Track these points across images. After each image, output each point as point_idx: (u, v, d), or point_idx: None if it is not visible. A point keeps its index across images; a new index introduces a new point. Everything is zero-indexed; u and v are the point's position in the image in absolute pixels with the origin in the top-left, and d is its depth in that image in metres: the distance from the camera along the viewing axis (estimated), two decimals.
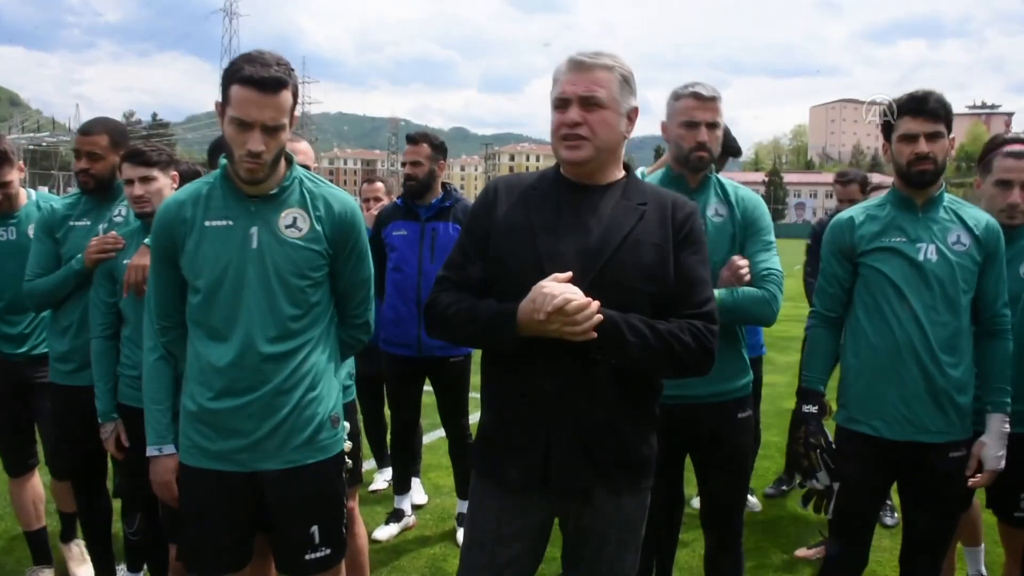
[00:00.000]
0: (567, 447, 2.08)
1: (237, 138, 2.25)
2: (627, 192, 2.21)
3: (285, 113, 2.28)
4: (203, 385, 2.36)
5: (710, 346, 2.09)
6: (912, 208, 2.86)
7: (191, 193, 2.42)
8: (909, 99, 2.79)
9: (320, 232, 2.41)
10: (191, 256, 2.36)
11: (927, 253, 2.79)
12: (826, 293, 3.00)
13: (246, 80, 2.21)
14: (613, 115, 2.15)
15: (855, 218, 2.94)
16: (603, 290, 2.02)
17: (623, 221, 2.13)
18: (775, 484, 5.42)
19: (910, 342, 2.76)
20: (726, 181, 3.09)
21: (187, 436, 2.42)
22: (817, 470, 2.86)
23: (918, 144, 2.77)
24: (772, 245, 3.00)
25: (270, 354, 2.34)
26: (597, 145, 2.14)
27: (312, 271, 2.40)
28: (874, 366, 2.83)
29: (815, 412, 2.92)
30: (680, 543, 4.44)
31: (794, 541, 4.58)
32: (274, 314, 2.35)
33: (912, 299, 2.77)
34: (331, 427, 2.48)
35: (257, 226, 2.36)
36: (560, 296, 1.93)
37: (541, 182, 2.25)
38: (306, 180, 2.47)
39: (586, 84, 2.12)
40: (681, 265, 2.13)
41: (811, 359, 3.01)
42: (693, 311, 2.10)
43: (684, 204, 2.22)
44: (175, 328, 2.51)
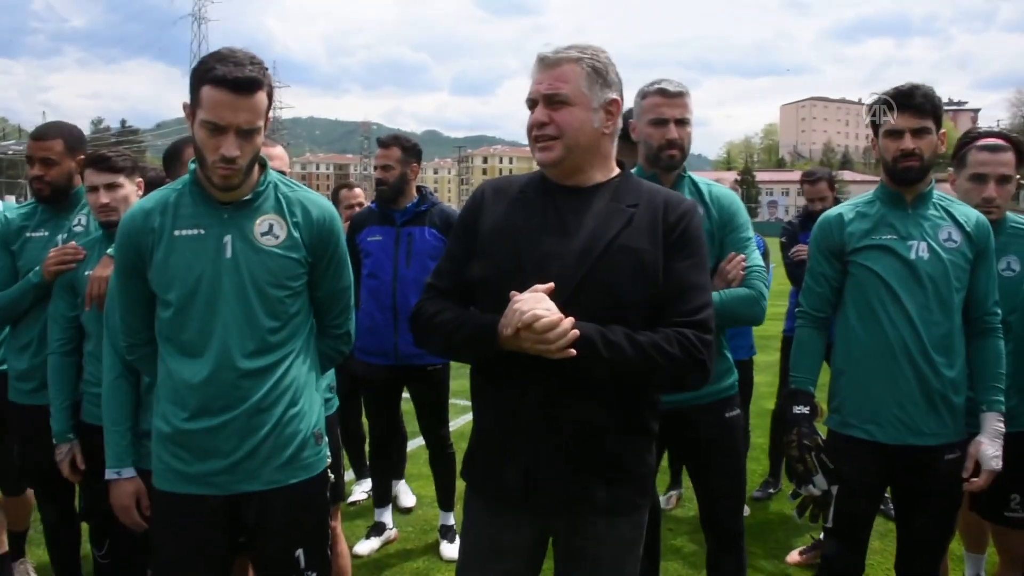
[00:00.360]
0: (552, 463, 1.99)
1: (209, 142, 2.12)
2: (618, 193, 2.09)
3: (260, 115, 2.15)
4: (176, 405, 2.23)
5: (701, 356, 1.95)
6: (902, 204, 2.79)
7: (158, 201, 2.27)
8: (895, 94, 2.73)
9: (298, 239, 2.29)
10: (160, 268, 2.22)
11: (919, 251, 2.72)
12: (814, 292, 2.92)
13: (219, 81, 2.07)
14: (581, 111, 2.04)
15: (844, 215, 2.87)
16: (587, 298, 1.94)
17: (609, 225, 2.02)
18: (762, 487, 5.36)
19: (903, 343, 2.70)
20: (700, 180, 3.04)
21: (161, 459, 2.27)
22: (813, 474, 2.76)
23: (903, 140, 2.71)
24: (751, 241, 2.96)
25: (248, 369, 2.21)
26: (567, 144, 2.04)
27: (291, 280, 2.28)
28: (867, 368, 2.76)
29: (807, 413, 2.84)
30: (675, 550, 4.40)
31: (783, 544, 4.52)
32: (251, 327, 2.22)
33: (905, 299, 2.70)
34: (315, 444, 2.36)
35: (231, 234, 2.22)
36: (529, 312, 1.84)
37: (529, 185, 2.16)
38: (281, 185, 2.34)
39: (549, 81, 2.04)
40: (673, 270, 2.01)
41: (799, 359, 2.94)
42: (684, 319, 1.97)
43: (678, 204, 2.09)
44: (143, 345, 2.37)
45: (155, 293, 2.26)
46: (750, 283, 2.85)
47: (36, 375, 3.26)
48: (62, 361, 3.03)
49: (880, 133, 2.78)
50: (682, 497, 5.17)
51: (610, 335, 1.90)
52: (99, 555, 3.39)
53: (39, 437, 3.19)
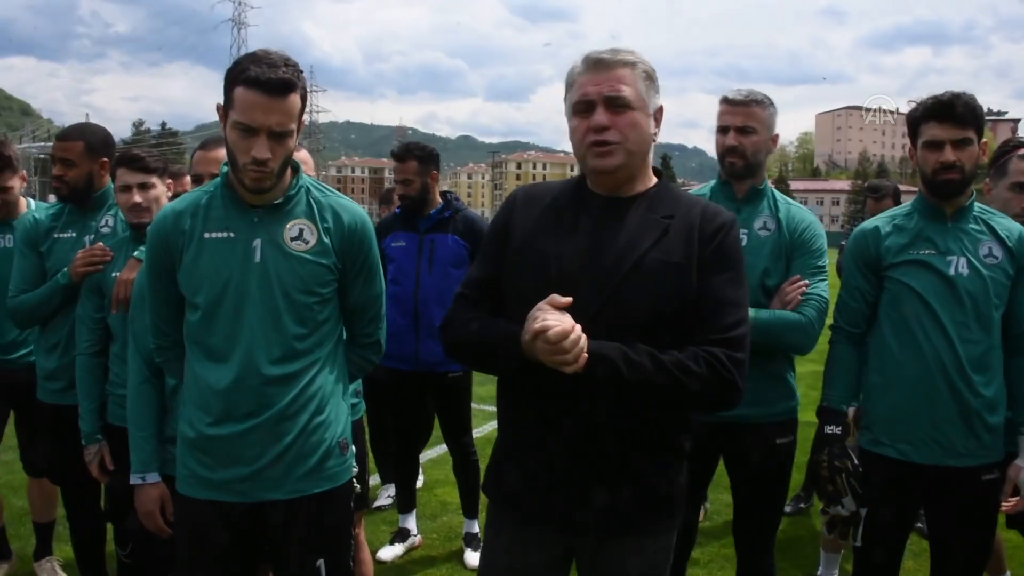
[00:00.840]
0: (579, 479, 1.93)
1: (241, 144, 2.09)
2: (654, 204, 2.00)
3: (293, 118, 2.11)
4: (201, 410, 2.20)
5: (731, 376, 1.86)
6: (941, 217, 2.70)
7: (189, 203, 2.25)
8: (935, 103, 2.63)
9: (328, 245, 2.24)
10: (189, 270, 2.20)
11: (958, 267, 2.63)
12: (849, 307, 2.84)
13: (252, 82, 2.04)
14: (642, 116, 1.95)
15: (880, 228, 2.78)
16: (616, 314, 1.88)
17: (642, 238, 1.93)
18: (793, 501, 5.24)
19: (940, 361, 2.61)
20: (781, 196, 3.00)
21: (185, 465, 2.24)
22: (843, 495, 2.70)
23: (943, 152, 2.61)
24: (822, 271, 2.89)
25: (274, 376, 2.17)
26: (629, 149, 1.94)
27: (320, 287, 2.24)
28: (901, 386, 2.68)
29: (838, 433, 2.77)
30: (695, 562, 4.33)
31: (813, 561, 4.42)
32: (278, 333, 2.18)
33: (943, 316, 2.61)
34: (340, 453, 2.32)
35: (260, 238, 2.19)
36: (540, 321, 1.77)
37: (563, 194, 2.07)
38: (313, 189, 2.31)
39: (610, 83, 1.92)
40: (707, 284, 1.91)
41: (833, 377, 2.86)
42: (716, 336, 1.88)
43: (716, 215, 1.99)
44: (171, 348, 2.35)
45: (184, 295, 2.24)
46: (804, 310, 2.79)
47: (64, 375, 3.29)
48: (90, 362, 3.04)
49: (919, 144, 2.69)
50: (708, 511, 5.08)
51: (632, 355, 1.82)
52: (123, 555, 3.41)
53: (66, 436, 3.23)
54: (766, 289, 2.87)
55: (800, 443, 5.74)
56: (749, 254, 2.79)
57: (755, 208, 2.93)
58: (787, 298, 2.81)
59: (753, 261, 2.81)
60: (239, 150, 2.10)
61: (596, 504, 1.94)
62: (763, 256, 2.87)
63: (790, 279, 2.85)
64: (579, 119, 1.97)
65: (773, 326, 2.76)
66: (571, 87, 2.00)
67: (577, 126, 1.98)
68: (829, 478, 2.73)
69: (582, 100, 1.95)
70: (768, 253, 2.87)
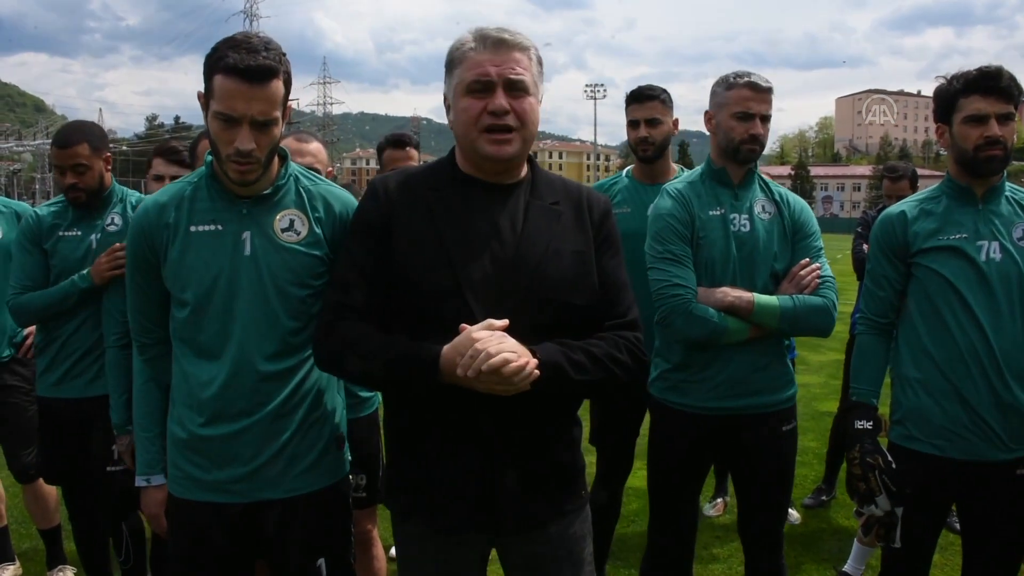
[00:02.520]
0: (510, 478, 1.89)
1: (223, 136, 1.99)
2: (536, 188, 1.97)
3: (276, 105, 2.01)
4: (192, 409, 2.12)
5: (644, 357, 1.96)
6: (971, 200, 2.58)
7: (173, 195, 2.15)
8: (980, 75, 2.49)
9: (320, 235, 2.16)
10: (175, 266, 2.11)
11: (990, 251, 2.51)
12: (876, 296, 2.72)
13: (231, 70, 1.93)
14: (535, 102, 1.91)
15: (907, 213, 2.66)
16: (527, 307, 1.84)
17: (540, 227, 1.91)
18: (814, 494, 5.14)
19: (974, 351, 2.49)
20: (767, 179, 2.93)
21: (177, 466, 2.16)
22: (877, 494, 2.58)
23: (988, 126, 2.47)
24: (823, 251, 2.85)
25: (269, 372, 2.09)
26: (525, 137, 1.90)
27: (313, 279, 2.14)
28: (933, 378, 2.56)
29: (870, 428, 2.65)
30: (715, 558, 4.25)
31: (836, 556, 4.31)
32: (272, 328, 2.10)
33: (974, 304, 2.49)
34: (336, 448, 2.26)
35: (250, 230, 2.10)
36: (498, 357, 1.69)
37: (438, 181, 1.98)
38: (302, 178, 2.22)
39: (510, 65, 1.86)
40: (603, 270, 1.96)
41: (861, 370, 2.75)
42: (619, 320, 1.95)
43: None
44: (156, 345, 2.26)
45: (169, 292, 2.16)
46: (823, 293, 2.74)
47: (58, 369, 3.28)
48: (119, 355, 3.00)
49: (956, 119, 2.54)
50: (728, 504, 4.99)
51: (573, 355, 1.83)
52: (120, 560, 3.41)
53: (65, 428, 3.25)
54: (774, 273, 2.79)
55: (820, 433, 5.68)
56: (757, 238, 2.76)
57: (750, 191, 2.85)
58: (803, 282, 2.75)
59: (763, 245, 2.77)
60: (222, 141, 2.00)
61: (525, 497, 1.91)
62: (773, 240, 2.79)
63: (799, 263, 2.78)
64: (473, 99, 1.88)
65: (801, 312, 2.70)
66: (460, 63, 1.90)
67: (470, 106, 1.88)
68: (861, 476, 2.61)
69: (480, 80, 1.86)
70: (777, 237, 2.80)
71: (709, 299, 2.69)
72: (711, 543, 4.44)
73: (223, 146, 2.01)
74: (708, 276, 2.76)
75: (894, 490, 2.57)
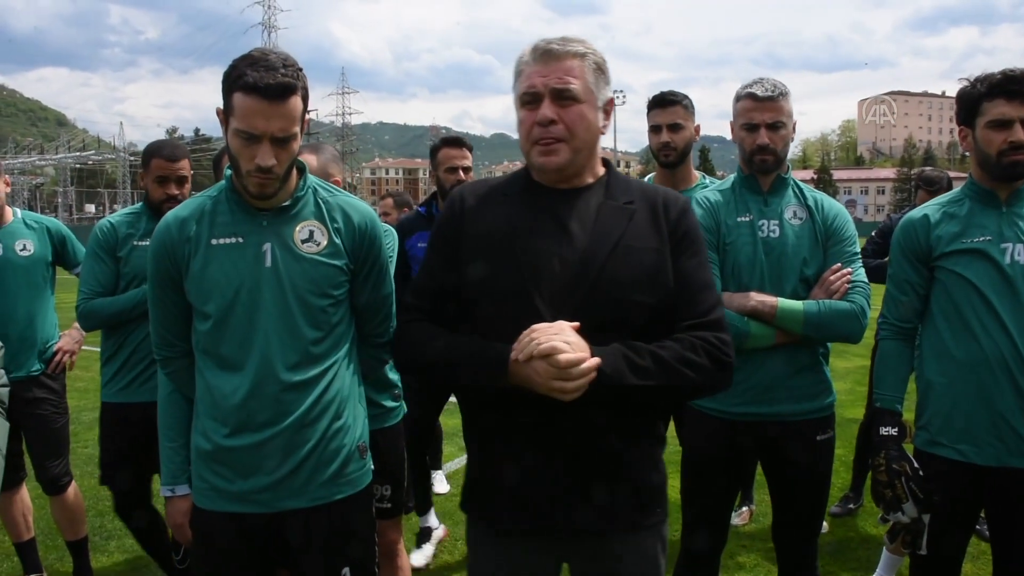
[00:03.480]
0: (569, 484, 1.86)
1: (244, 152, 2.03)
2: (610, 190, 1.95)
3: (295, 121, 2.05)
4: (216, 421, 2.14)
5: (727, 359, 1.85)
6: (995, 202, 2.54)
7: (193, 209, 2.19)
8: (1004, 79, 2.45)
9: (340, 246, 2.19)
10: (197, 279, 2.13)
11: (1015, 254, 2.48)
12: (899, 301, 2.69)
13: (250, 88, 1.97)
14: (590, 109, 1.89)
15: (930, 216, 2.63)
16: (595, 306, 1.81)
17: (611, 225, 1.88)
18: (841, 502, 5.07)
19: (999, 354, 2.45)
20: (804, 185, 2.93)
21: (202, 478, 2.19)
22: (903, 501, 2.54)
23: (1012, 131, 2.44)
24: (858, 257, 2.82)
25: (291, 383, 2.11)
26: (575, 146, 1.88)
27: (333, 289, 2.18)
28: (958, 383, 2.52)
29: (895, 435, 2.61)
30: (740, 567, 4.20)
31: (864, 564, 4.25)
32: (294, 338, 2.12)
33: (999, 307, 2.46)
34: (359, 458, 2.27)
35: (270, 242, 2.13)
36: (547, 344, 1.68)
37: (512, 188, 2.00)
38: (321, 189, 2.25)
39: (558, 75, 1.85)
40: (680, 270, 1.89)
41: (884, 375, 2.71)
42: (699, 320, 1.86)
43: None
44: (179, 358, 2.28)
45: (191, 304, 2.18)
46: (852, 298, 2.72)
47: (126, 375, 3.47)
48: None
49: (979, 123, 2.51)
50: (754, 513, 4.93)
51: (637, 359, 1.77)
52: (177, 560, 3.46)
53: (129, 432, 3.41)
54: (804, 279, 2.78)
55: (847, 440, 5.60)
56: (786, 243, 2.75)
57: (782, 198, 2.85)
58: (833, 287, 2.73)
59: (792, 250, 2.76)
60: (243, 157, 2.04)
61: (590, 505, 1.87)
62: (804, 245, 2.79)
63: (830, 268, 2.77)
64: (526, 111, 1.91)
65: (826, 317, 2.68)
66: (519, 76, 1.93)
67: (524, 119, 1.91)
68: (887, 483, 2.57)
69: (528, 92, 1.89)
70: (808, 242, 2.79)
71: (732, 303, 2.70)
72: (737, 552, 4.39)
73: (244, 162, 2.05)
74: (735, 281, 2.76)
75: (921, 497, 2.53)
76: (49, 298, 3.93)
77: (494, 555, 2.00)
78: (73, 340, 3.92)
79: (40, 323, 3.82)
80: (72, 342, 3.92)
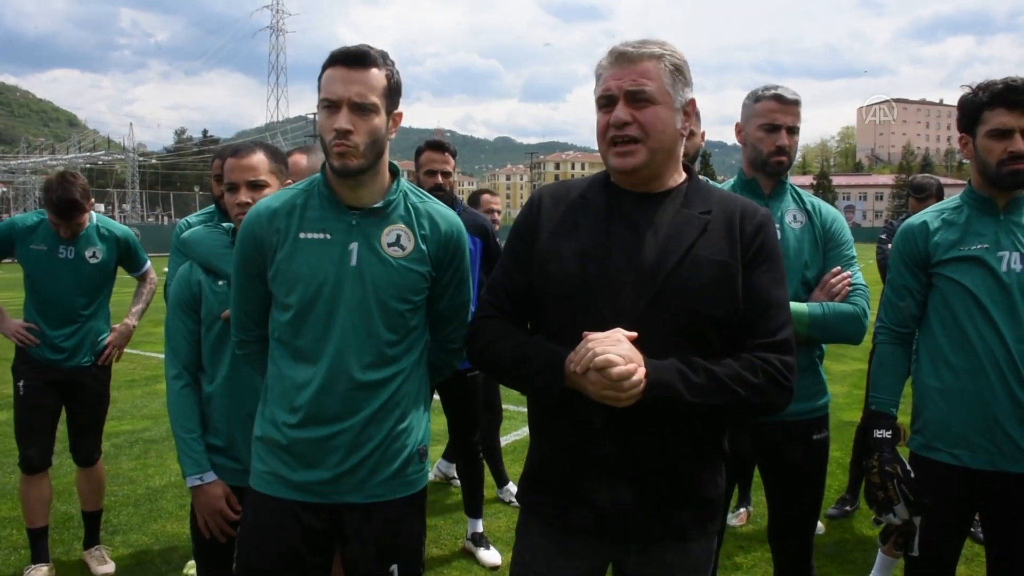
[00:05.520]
0: (625, 491, 1.85)
1: (327, 123, 2.08)
2: (689, 199, 1.92)
3: (375, 91, 2.08)
4: (285, 410, 2.17)
5: (787, 383, 1.81)
6: (992, 210, 2.58)
7: (285, 201, 2.22)
8: (1006, 88, 2.47)
9: (425, 252, 2.21)
10: (282, 270, 2.16)
11: (1011, 262, 2.51)
12: (896, 307, 2.73)
13: (332, 59, 2.08)
14: (666, 111, 1.86)
15: (929, 223, 2.67)
16: (660, 315, 1.79)
17: (683, 234, 1.85)
18: (838, 504, 5.12)
19: (994, 361, 2.49)
20: (800, 190, 2.98)
21: (264, 461, 2.21)
22: (895, 503, 2.58)
23: (1013, 141, 2.47)
24: (855, 260, 2.86)
25: (364, 382, 2.15)
26: (651, 147, 1.85)
27: (413, 294, 2.20)
28: (954, 389, 2.56)
29: (888, 438, 2.65)
30: (738, 567, 4.25)
31: (861, 566, 4.30)
32: (371, 338, 2.15)
33: (995, 314, 2.49)
34: (419, 461, 2.29)
35: (357, 242, 2.15)
36: (602, 356, 1.67)
37: (590, 191, 1.98)
38: (411, 194, 2.28)
39: (633, 77, 1.84)
40: (753, 285, 1.84)
41: (880, 379, 2.75)
42: (766, 340, 1.82)
43: (755, 212, 1.92)
44: (255, 342, 2.33)
45: (273, 294, 2.21)
46: (854, 300, 2.75)
47: None
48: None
49: (979, 132, 2.54)
50: (751, 514, 4.98)
51: (692, 376, 1.74)
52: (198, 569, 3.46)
53: None
54: (806, 282, 2.82)
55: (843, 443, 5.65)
56: (787, 247, 2.78)
57: (781, 202, 2.90)
58: (835, 290, 2.77)
59: (794, 253, 2.80)
60: (325, 129, 2.09)
61: (645, 514, 1.86)
62: (804, 249, 2.82)
63: (831, 271, 2.81)
64: (602, 114, 1.91)
65: (831, 319, 2.71)
66: (598, 80, 1.93)
67: (599, 121, 1.92)
68: (880, 485, 2.61)
69: (604, 95, 1.89)
70: (808, 246, 2.83)
71: None
72: (734, 552, 4.43)
73: (326, 133, 2.09)
74: None
75: (912, 499, 2.56)
76: (106, 297, 4.29)
77: (544, 546, 1.99)
78: (123, 336, 4.34)
79: (96, 320, 4.21)
80: (121, 338, 4.34)
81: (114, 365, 4.34)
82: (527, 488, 2.07)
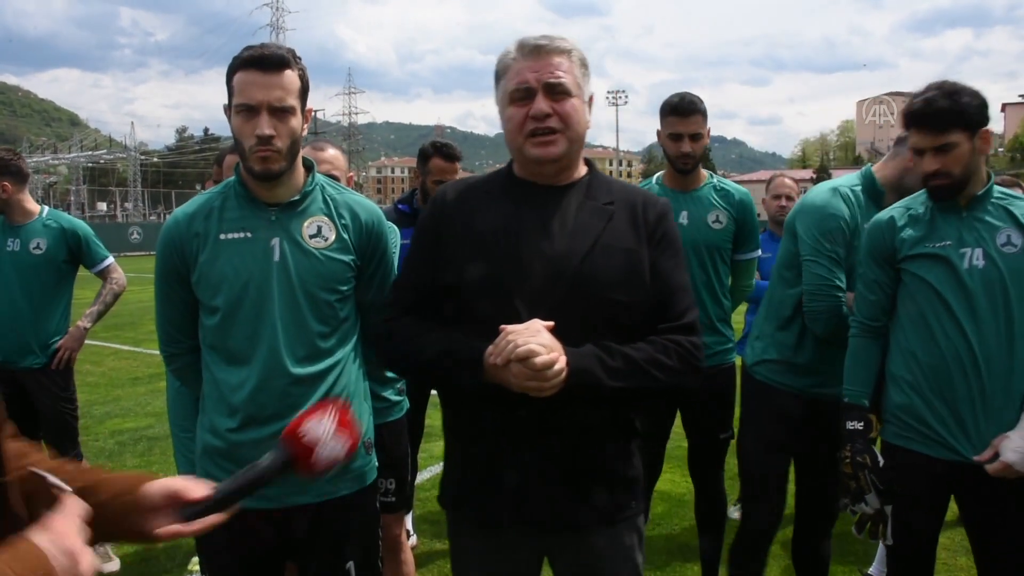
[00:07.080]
0: (546, 477, 1.89)
1: (245, 128, 2.06)
2: (591, 190, 1.98)
3: (292, 94, 2.08)
4: (224, 415, 2.15)
5: (696, 362, 1.89)
6: (955, 208, 2.60)
7: (201, 205, 2.21)
8: (907, 112, 2.54)
9: (347, 241, 2.23)
10: (205, 273, 2.15)
11: (973, 259, 2.53)
12: (867, 300, 2.75)
13: (246, 62, 2.05)
14: (580, 103, 1.92)
15: (896, 219, 2.69)
16: (574, 304, 1.83)
17: (590, 224, 1.91)
18: None
19: (957, 357, 2.52)
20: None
21: (208, 472, 2.17)
22: (866, 492, 2.63)
23: (926, 161, 2.53)
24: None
25: (299, 376, 2.13)
26: (570, 137, 1.91)
27: (340, 284, 2.21)
28: (921, 381, 2.60)
29: (860, 429, 2.68)
30: None
31: (862, 558, 4.33)
32: (301, 332, 2.15)
33: (957, 310, 2.52)
34: (365, 454, 2.29)
35: (279, 236, 2.15)
36: (524, 347, 1.69)
37: (493, 186, 2.03)
38: (328, 187, 2.28)
39: (550, 69, 1.88)
40: (659, 271, 1.93)
41: (852, 371, 2.76)
42: (674, 323, 1.90)
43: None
44: (185, 354, 2.31)
45: (198, 299, 2.20)
46: None
47: None
48: None
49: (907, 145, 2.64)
50: None
51: (610, 361, 1.80)
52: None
53: None
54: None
55: None
56: None
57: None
58: None
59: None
60: (244, 134, 2.07)
61: (567, 498, 1.91)
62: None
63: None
64: (516, 107, 1.92)
65: None
66: (504, 73, 1.96)
67: (514, 114, 1.93)
68: (852, 475, 2.66)
69: (520, 87, 1.90)
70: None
71: (850, 302, 2.87)
72: None
73: (245, 139, 2.08)
74: None
75: (882, 488, 2.61)
76: (61, 296, 4.04)
77: (477, 547, 2.03)
78: (73, 339, 4.07)
79: (45, 320, 3.97)
80: (72, 340, 4.06)
81: (117, 363, 4.30)
82: (449, 492, 2.09)
